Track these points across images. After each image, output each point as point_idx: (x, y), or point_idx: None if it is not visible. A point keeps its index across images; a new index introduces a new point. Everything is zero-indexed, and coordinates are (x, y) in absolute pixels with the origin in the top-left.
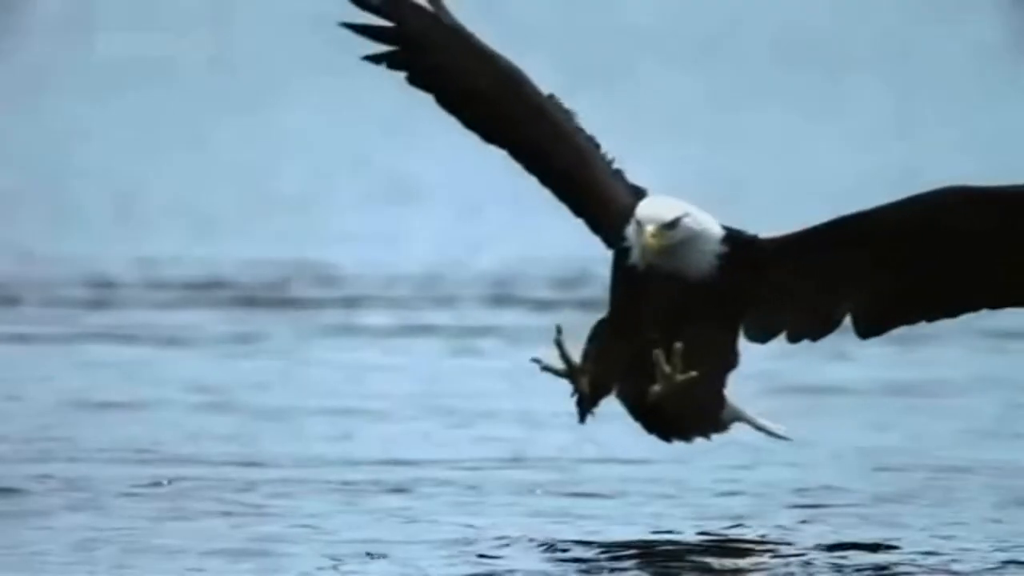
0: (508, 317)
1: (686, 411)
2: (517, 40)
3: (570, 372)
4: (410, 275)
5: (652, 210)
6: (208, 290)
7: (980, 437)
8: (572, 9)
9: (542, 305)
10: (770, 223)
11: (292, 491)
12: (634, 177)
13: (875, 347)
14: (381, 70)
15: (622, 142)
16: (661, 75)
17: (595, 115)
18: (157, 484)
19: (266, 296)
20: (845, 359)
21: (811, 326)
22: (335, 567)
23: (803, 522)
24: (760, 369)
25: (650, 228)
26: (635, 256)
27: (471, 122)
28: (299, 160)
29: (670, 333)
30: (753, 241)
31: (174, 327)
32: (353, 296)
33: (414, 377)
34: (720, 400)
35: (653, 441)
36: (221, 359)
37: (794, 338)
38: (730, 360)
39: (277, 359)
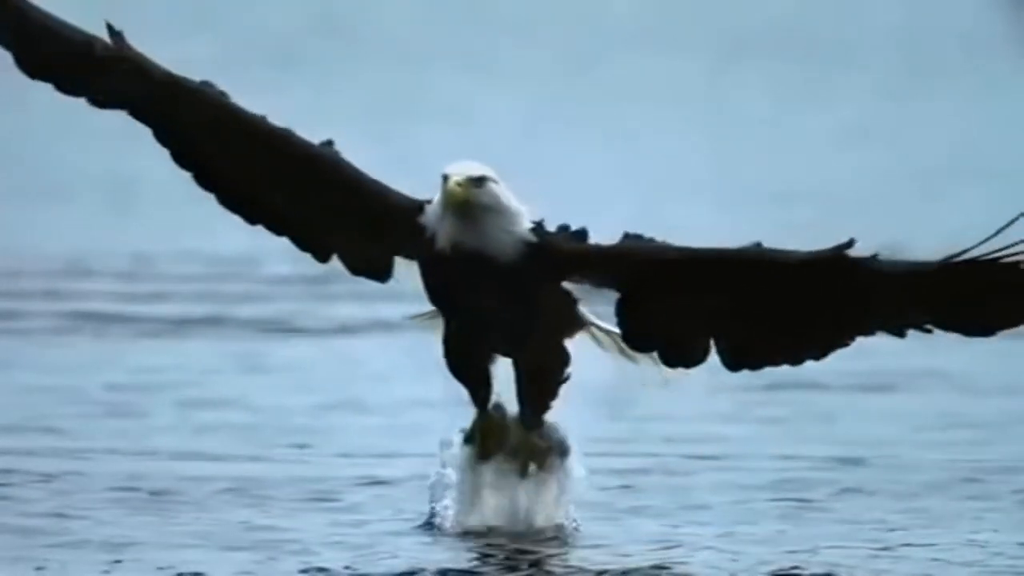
0: None
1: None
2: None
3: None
4: None
5: (460, 167)
6: (201, 283)
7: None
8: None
9: None
10: (765, 218)
11: (289, 485)
12: (623, 170)
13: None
14: (374, 69)
15: (614, 137)
16: (651, 66)
17: (587, 110)
18: (153, 478)
19: (261, 291)
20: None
21: (681, 350)
22: (335, 559)
23: (802, 520)
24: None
25: (456, 177)
26: (439, 238)
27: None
28: None
29: (492, 317)
30: (560, 242)
31: (169, 321)
32: (347, 291)
33: (409, 372)
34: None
35: (652, 438)
36: (216, 354)
37: (670, 361)
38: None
39: (273, 354)
